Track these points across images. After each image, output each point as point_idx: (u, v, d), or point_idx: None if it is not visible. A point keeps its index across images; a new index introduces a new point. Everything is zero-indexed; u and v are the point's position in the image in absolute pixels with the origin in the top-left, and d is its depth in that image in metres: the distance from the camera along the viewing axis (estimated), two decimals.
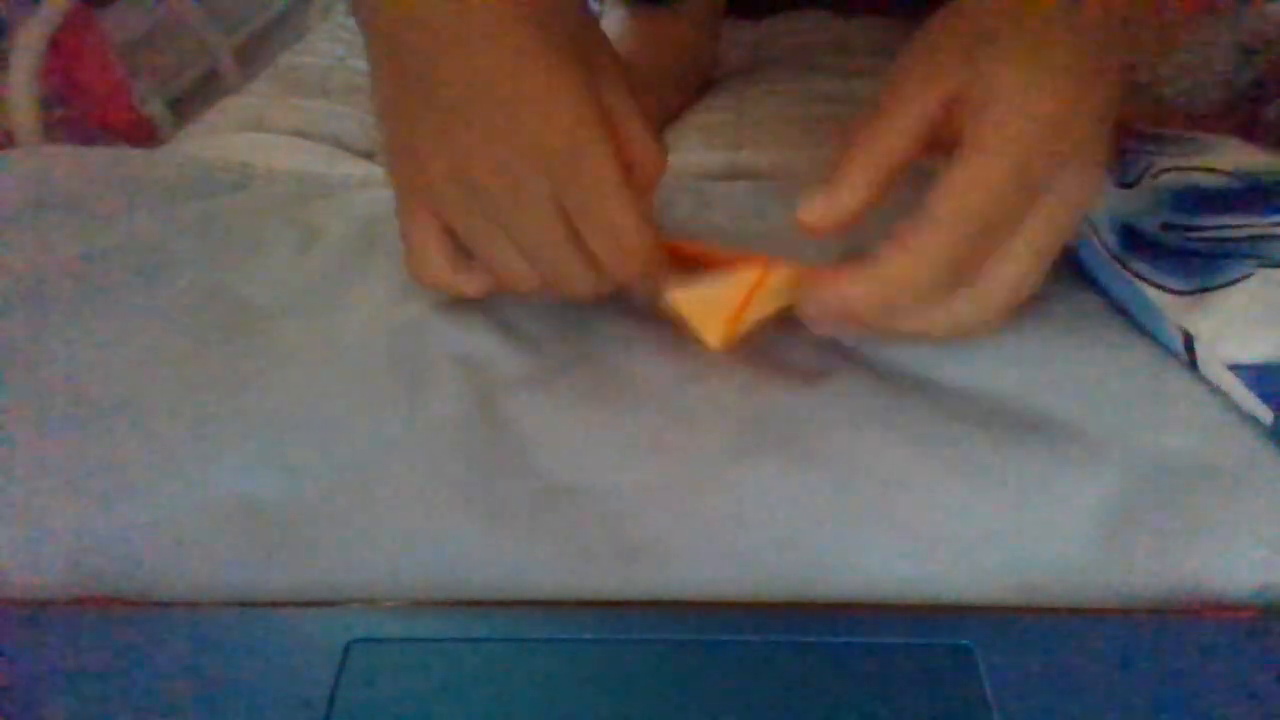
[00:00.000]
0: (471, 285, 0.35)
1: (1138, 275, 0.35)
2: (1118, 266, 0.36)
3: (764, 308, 0.33)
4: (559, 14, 0.30)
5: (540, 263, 0.32)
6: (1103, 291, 0.38)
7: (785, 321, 0.37)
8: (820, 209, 0.30)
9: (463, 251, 0.35)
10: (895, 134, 0.30)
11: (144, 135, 0.63)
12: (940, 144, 0.30)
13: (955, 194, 0.28)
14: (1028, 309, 0.36)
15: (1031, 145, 0.28)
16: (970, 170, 0.28)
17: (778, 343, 0.37)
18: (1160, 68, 0.53)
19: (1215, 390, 0.33)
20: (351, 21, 0.71)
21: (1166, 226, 0.35)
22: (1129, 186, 0.38)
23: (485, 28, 0.29)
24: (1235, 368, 0.32)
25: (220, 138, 0.53)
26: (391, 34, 0.31)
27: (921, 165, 0.31)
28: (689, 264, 0.35)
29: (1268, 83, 0.50)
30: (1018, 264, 0.29)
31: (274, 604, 0.27)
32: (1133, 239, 0.36)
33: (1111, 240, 0.37)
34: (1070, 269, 0.39)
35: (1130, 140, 0.39)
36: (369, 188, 0.48)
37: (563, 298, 0.34)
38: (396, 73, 0.31)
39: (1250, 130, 0.49)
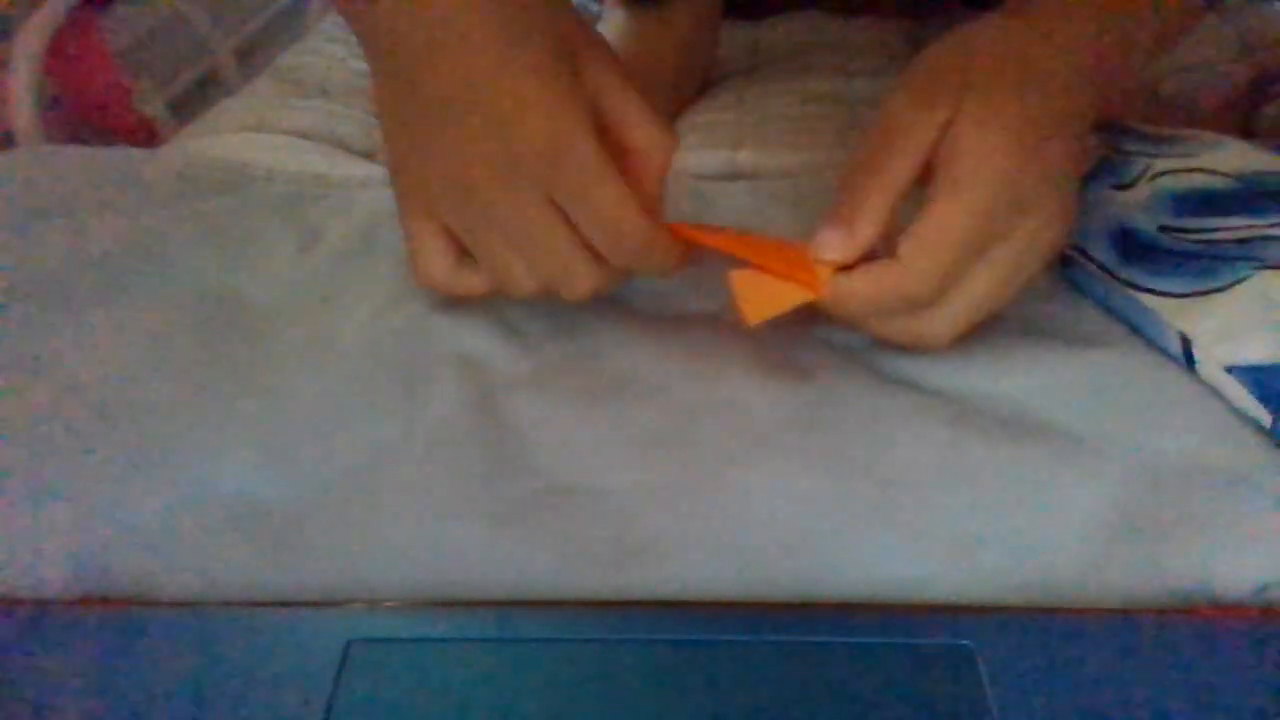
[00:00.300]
0: (472, 287, 0.35)
1: (1133, 284, 0.35)
2: (1111, 281, 0.36)
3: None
4: (543, 15, 0.31)
5: (539, 262, 0.33)
6: (1100, 301, 0.38)
7: (786, 323, 0.37)
8: (840, 247, 0.32)
9: (465, 254, 0.35)
10: (898, 170, 0.31)
11: (144, 135, 0.63)
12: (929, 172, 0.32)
13: (920, 242, 0.31)
14: (1028, 314, 0.36)
15: (992, 198, 0.30)
16: (934, 222, 0.30)
17: (778, 344, 0.37)
18: (1160, 67, 0.53)
19: (1214, 392, 0.33)
20: None
21: (1164, 229, 0.35)
22: (1127, 188, 0.38)
23: (467, 33, 0.30)
24: (1233, 370, 0.32)
25: (220, 138, 0.53)
26: (383, 41, 0.32)
27: None
28: (708, 248, 0.35)
29: (1268, 82, 0.51)
30: (970, 301, 0.32)
31: (274, 604, 0.27)
32: (1129, 244, 0.36)
33: (1105, 251, 0.36)
34: (1067, 279, 0.39)
35: (1129, 142, 0.39)
36: (369, 188, 0.48)
37: (566, 298, 0.34)
38: (390, 78, 0.32)
39: (1250, 130, 0.49)
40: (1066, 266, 0.38)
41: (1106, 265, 0.36)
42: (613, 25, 0.57)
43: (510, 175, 0.30)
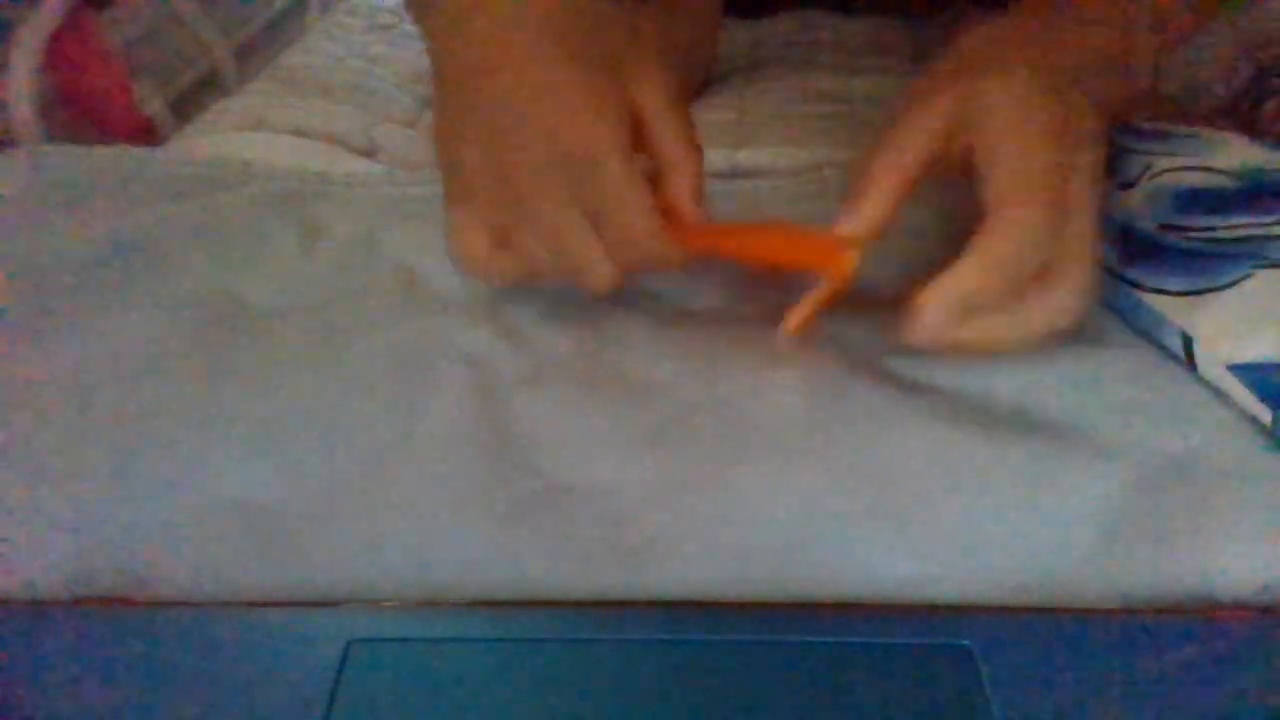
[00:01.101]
0: (506, 269, 0.37)
1: (1135, 283, 0.35)
2: (1114, 281, 0.36)
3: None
4: (591, 33, 0.34)
5: (564, 257, 0.35)
6: (1102, 300, 0.37)
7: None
8: (845, 222, 0.33)
9: (501, 242, 0.37)
10: (902, 149, 0.33)
11: (144, 135, 0.63)
12: (950, 164, 0.33)
13: (992, 240, 0.31)
14: None
15: (1039, 157, 0.31)
16: (1010, 179, 0.31)
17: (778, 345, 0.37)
18: (1161, 65, 0.53)
19: (1214, 391, 0.33)
20: (351, 21, 0.72)
21: (1165, 227, 0.35)
22: (1128, 187, 0.38)
23: (519, 55, 0.33)
24: (1234, 368, 0.31)
25: (220, 137, 0.53)
26: (444, 55, 0.35)
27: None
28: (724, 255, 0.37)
29: (1268, 80, 0.50)
30: (1055, 292, 0.31)
31: (274, 604, 0.27)
32: (1131, 243, 0.36)
33: (1107, 251, 0.36)
34: None
35: (1130, 139, 0.39)
36: (369, 186, 0.48)
37: (584, 287, 0.36)
38: (447, 85, 0.35)
39: (1250, 128, 0.49)
40: None
41: (1109, 265, 0.36)
42: None
43: (547, 181, 0.33)
